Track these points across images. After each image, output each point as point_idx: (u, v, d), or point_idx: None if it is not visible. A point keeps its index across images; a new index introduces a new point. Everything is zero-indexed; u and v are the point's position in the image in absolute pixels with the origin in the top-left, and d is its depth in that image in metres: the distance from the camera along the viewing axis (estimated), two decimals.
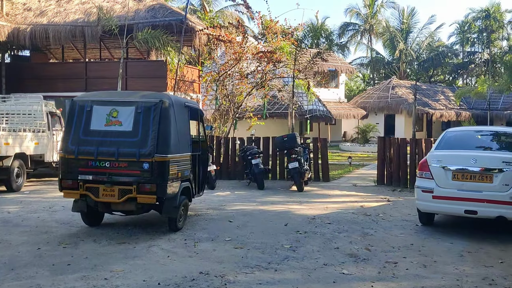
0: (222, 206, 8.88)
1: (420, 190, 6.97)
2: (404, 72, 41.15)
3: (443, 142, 7.36)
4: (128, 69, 14.32)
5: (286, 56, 13.94)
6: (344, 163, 18.56)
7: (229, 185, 12.11)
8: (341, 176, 14.40)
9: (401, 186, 11.74)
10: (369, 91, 35.65)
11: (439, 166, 6.78)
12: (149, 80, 14.03)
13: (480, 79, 24.19)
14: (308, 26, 13.63)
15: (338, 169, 16.36)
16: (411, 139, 12.10)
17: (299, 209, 8.75)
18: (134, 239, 6.30)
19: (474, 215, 6.50)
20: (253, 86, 14.16)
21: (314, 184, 12.18)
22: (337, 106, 30.99)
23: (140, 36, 12.70)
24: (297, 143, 11.02)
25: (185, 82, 15.01)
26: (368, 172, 15.60)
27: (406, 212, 8.55)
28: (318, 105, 22.53)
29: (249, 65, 14.32)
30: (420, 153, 11.60)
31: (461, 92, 26.41)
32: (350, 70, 34.07)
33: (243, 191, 10.98)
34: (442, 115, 31.80)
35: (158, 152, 6.12)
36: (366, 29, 43.61)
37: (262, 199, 9.92)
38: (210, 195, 10.34)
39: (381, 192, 11.02)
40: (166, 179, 6.17)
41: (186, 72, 15.30)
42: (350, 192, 10.97)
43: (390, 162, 12.11)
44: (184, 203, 6.77)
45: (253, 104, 17.18)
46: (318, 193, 10.79)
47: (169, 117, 6.30)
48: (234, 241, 6.24)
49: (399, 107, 31.85)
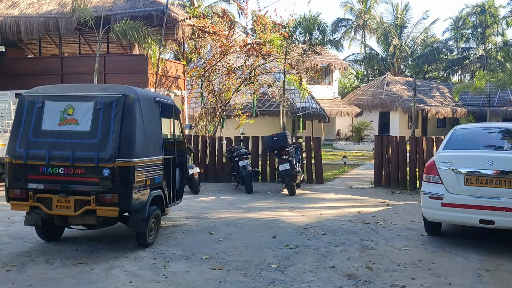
0: (204, 214, 7.94)
1: (427, 197, 6.07)
2: (399, 69, 40.38)
3: (452, 141, 6.46)
4: (107, 64, 13.32)
5: (277, 50, 13.01)
6: (339, 162, 17.69)
7: (216, 188, 11.18)
8: (336, 177, 13.52)
9: (400, 188, 10.88)
10: (363, 88, 34.83)
11: (449, 169, 5.89)
12: (129, 76, 13.05)
13: (479, 74, 23.40)
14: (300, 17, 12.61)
15: (333, 169, 15.50)
16: (410, 137, 11.24)
17: (289, 217, 7.83)
18: (95, 258, 5.35)
19: (490, 225, 5.61)
20: (241, 81, 13.22)
21: (307, 187, 11.29)
22: (331, 104, 30.15)
23: (118, 27, 11.70)
24: (288, 143, 10.11)
25: (168, 78, 14.05)
26: (364, 173, 14.74)
27: (408, 219, 7.67)
28: (311, 102, 21.64)
29: (237, 59, 13.38)
30: (420, 152, 10.75)
31: (459, 87, 25.64)
32: (343, 66, 33.22)
33: (230, 196, 10.06)
34: (438, 111, 31.05)
35: (121, 156, 5.17)
36: (359, 24, 42.83)
37: (250, 204, 8.99)
38: (193, 200, 9.42)
39: (379, 195, 10.14)
40: (131, 188, 5.23)
41: (170, 67, 14.31)
42: (345, 196, 10.07)
43: (388, 162, 11.23)
44: (155, 214, 5.83)
45: (242, 101, 16.25)
46: (311, 197, 9.89)
47: (134, 114, 5.35)
48: (212, 260, 5.31)
49: (394, 104, 31.07)
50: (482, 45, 44.17)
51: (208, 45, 13.70)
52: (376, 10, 42.66)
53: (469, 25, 43.37)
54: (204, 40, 13.86)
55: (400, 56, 39.45)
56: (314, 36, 14.06)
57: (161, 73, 13.50)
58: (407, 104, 30.54)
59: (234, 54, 12.95)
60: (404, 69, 42.63)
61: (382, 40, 40.04)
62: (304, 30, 12.86)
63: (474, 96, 33.76)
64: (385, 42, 39.56)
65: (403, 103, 30.71)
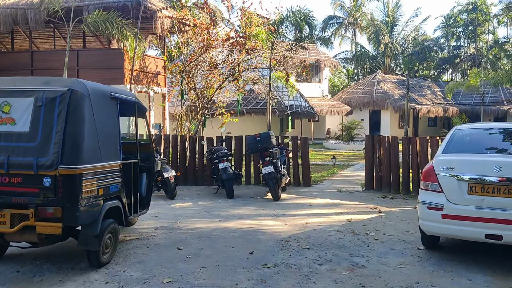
0: (176, 224, 7.13)
1: (425, 207, 5.32)
2: (389, 67, 39.79)
3: (452, 143, 5.71)
4: (81, 59, 12.41)
5: (262, 45, 12.21)
6: (328, 163, 16.95)
7: (194, 192, 10.37)
8: (324, 179, 12.77)
9: (392, 192, 10.16)
10: (354, 86, 34.16)
11: (451, 175, 5.14)
12: (104, 71, 12.17)
13: (473, 72, 22.79)
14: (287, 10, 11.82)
15: (321, 171, 14.76)
16: (403, 138, 10.52)
17: (272, 227, 7.05)
18: (36, 283, 4.52)
19: (498, 240, 4.87)
20: (224, 78, 12.40)
21: (293, 190, 10.52)
22: (321, 102, 29.45)
23: (90, 19, 10.81)
24: (272, 144, 9.33)
25: (147, 74, 13.19)
26: (354, 174, 14.01)
27: (402, 228, 6.93)
28: (300, 100, 20.88)
29: (219, 54, 12.56)
30: (414, 153, 10.03)
31: (452, 85, 25.00)
32: (333, 64, 32.51)
33: (208, 201, 9.25)
34: (429, 110, 30.44)
35: (65, 162, 4.35)
36: (350, 22, 42.12)
37: (229, 211, 8.20)
38: (167, 207, 8.61)
39: (370, 200, 9.41)
40: (77, 200, 4.41)
41: (149, 62, 13.45)
42: (334, 201, 9.31)
43: (379, 164, 10.51)
44: (111, 229, 5.01)
45: (227, 99, 15.45)
46: (297, 203, 9.11)
47: (83, 112, 4.53)
48: (174, 285, 4.51)
49: (385, 103, 30.42)
50: (473, 44, 43.74)
51: (190, 40, 12.85)
52: (367, 8, 42.03)
53: (460, 23, 42.91)
54: (185, 34, 13.02)
55: (391, 54, 38.84)
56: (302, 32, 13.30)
57: (139, 68, 12.64)
58: (398, 103, 29.92)
59: (216, 49, 12.12)
60: (395, 67, 42.06)
61: (373, 38, 39.39)
62: (291, 24, 12.03)
63: (466, 95, 33.26)
64: (376, 40, 38.92)
65: (394, 101, 30.08)
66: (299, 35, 12.05)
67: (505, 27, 43.83)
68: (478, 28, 42.37)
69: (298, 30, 11.96)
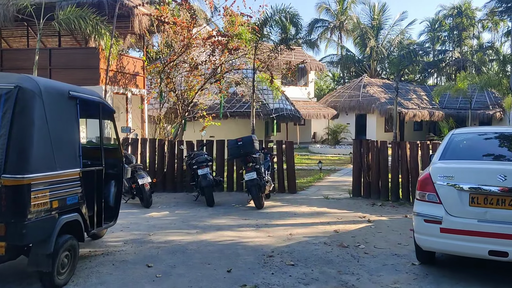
0: (149, 236, 6.52)
1: (421, 220, 4.81)
2: (375, 71, 39.62)
3: (450, 148, 5.23)
4: (53, 59, 11.69)
5: (245, 44, 11.67)
6: (314, 168, 16.47)
7: (173, 200, 9.76)
8: (311, 185, 12.26)
9: (381, 199, 9.69)
10: (340, 90, 33.85)
11: (449, 184, 4.65)
12: (77, 72, 11.49)
13: (460, 75, 22.58)
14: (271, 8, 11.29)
15: (307, 176, 14.25)
16: (393, 142, 10.06)
17: (253, 239, 6.49)
18: None
19: (503, 257, 4.38)
20: (206, 79, 11.82)
21: (278, 197, 9.98)
22: (307, 106, 29.01)
23: (62, 15, 10.13)
24: (254, 148, 8.77)
25: (125, 74, 12.55)
26: (341, 179, 13.54)
27: (394, 240, 6.43)
28: (286, 103, 20.38)
29: (200, 54, 11.98)
30: (404, 158, 9.57)
31: (440, 89, 24.80)
32: (319, 67, 32.14)
33: (186, 210, 8.64)
34: (415, 114, 30.25)
35: (9, 171, 3.74)
36: (336, 26, 41.89)
37: (208, 222, 7.61)
38: (141, 216, 7.99)
39: (358, 208, 8.91)
40: (24, 215, 3.79)
41: (127, 63, 12.80)
42: (321, 209, 8.79)
43: (368, 169, 10.03)
44: (68, 246, 4.40)
45: (209, 101, 14.86)
46: (281, 211, 8.56)
47: (32, 113, 3.92)
48: None
49: (371, 107, 30.14)
50: (459, 48, 43.88)
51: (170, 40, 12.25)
52: (353, 11, 41.86)
53: (446, 27, 43.02)
54: (165, 34, 12.41)
55: (377, 58, 38.68)
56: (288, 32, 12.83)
57: (115, 69, 11.99)
58: (384, 107, 29.68)
59: (198, 48, 11.54)
60: (381, 71, 41.94)
61: (359, 41, 39.19)
62: (276, 24, 11.54)
63: (451, 99, 33.19)
64: (362, 44, 38.72)
65: (380, 105, 29.82)
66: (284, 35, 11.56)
67: (489, 32, 43.96)
68: (463, 33, 42.52)
69: (283, 31, 11.44)
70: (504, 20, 42.13)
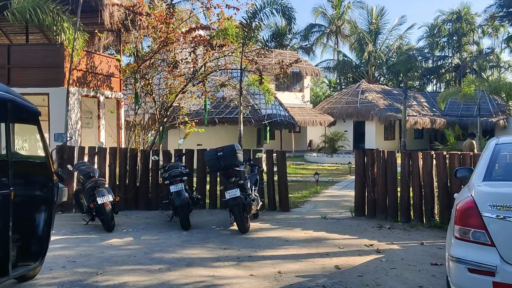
0: (96, 277, 5.02)
1: (463, 269, 3.35)
2: (373, 76, 38.34)
3: (497, 164, 3.78)
4: (13, 56, 10.14)
5: (232, 41, 10.24)
6: (310, 179, 15.03)
7: (143, 220, 8.27)
8: (306, 201, 10.81)
9: (389, 220, 8.25)
10: (337, 96, 32.49)
11: (507, 218, 3.19)
12: (41, 71, 9.97)
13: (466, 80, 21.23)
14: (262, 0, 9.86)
15: (302, 189, 12.82)
16: (402, 152, 8.61)
17: (231, 280, 5.00)
18: None
19: None
20: (187, 80, 10.36)
21: (267, 217, 8.51)
22: (302, 112, 27.61)
23: (16, 4, 8.67)
24: (238, 160, 7.31)
25: (96, 75, 11.08)
26: (340, 194, 12.09)
27: (413, 281, 4.98)
28: (279, 109, 18.95)
29: (182, 51, 10.54)
30: (415, 171, 8.13)
31: (446, 94, 23.43)
32: (315, 72, 30.80)
33: (155, 235, 7.14)
34: (417, 122, 28.89)
35: None
36: (332, 31, 40.69)
37: (177, 253, 6.11)
38: (97, 244, 6.50)
39: (363, 231, 7.44)
40: None
41: (99, 62, 11.32)
42: (318, 233, 7.31)
43: (372, 184, 8.58)
44: None
45: (194, 106, 13.42)
46: (270, 236, 7.08)
47: None
48: None
49: (370, 113, 28.77)
50: (458, 54, 42.71)
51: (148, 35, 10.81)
52: (350, 16, 40.64)
53: (445, 33, 41.86)
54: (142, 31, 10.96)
55: (375, 63, 37.43)
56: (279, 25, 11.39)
57: (85, 68, 10.53)
58: (384, 113, 28.34)
59: (177, 44, 10.09)
60: (379, 77, 40.70)
61: (356, 46, 37.96)
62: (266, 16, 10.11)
63: (453, 106, 31.91)
64: (359, 49, 37.48)
65: (379, 112, 28.46)
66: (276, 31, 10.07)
67: (489, 38, 42.81)
68: (463, 38, 41.38)
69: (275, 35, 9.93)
70: (504, 26, 41.08)
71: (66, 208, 9.00)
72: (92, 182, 7.49)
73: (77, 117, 10.32)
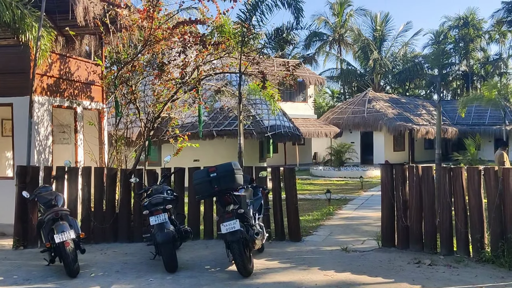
0: None
1: None
2: (379, 85, 36.79)
3: None
4: None
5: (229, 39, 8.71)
6: (320, 196, 13.43)
7: (120, 258, 6.64)
8: (319, 225, 9.18)
9: (426, 251, 6.65)
10: (342, 106, 30.92)
11: None
12: (3, 78, 8.45)
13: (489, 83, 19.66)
14: None
15: (313, 209, 11.22)
16: (441, 167, 6.97)
17: None
18: None
19: None
20: (176, 85, 8.81)
21: (275, 249, 6.90)
22: (306, 123, 26.03)
23: None
24: (236, 182, 5.68)
25: (73, 83, 9.54)
26: (357, 215, 10.46)
27: None
28: (283, 120, 17.37)
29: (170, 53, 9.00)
30: (458, 192, 6.52)
31: (465, 100, 21.78)
32: (320, 81, 29.29)
33: (131, 282, 5.49)
34: (428, 131, 27.24)
35: None
36: (335, 39, 39.30)
37: None
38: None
39: (398, 271, 5.80)
40: None
41: (77, 67, 9.73)
42: (342, 275, 5.66)
43: (404, 207, 6.96)
44: None
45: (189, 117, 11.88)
46: (280, 282, 5.43)
47: None
48: None
49: (378, 123, 27.14)
50: (465, 61, 41.25)
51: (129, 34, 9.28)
52: (352, 23, 39.26)
53: (451, 39, 40.43)
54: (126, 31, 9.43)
55: (381, 71, 35.90)
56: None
57: (58, 75, 9.00)
58: (393, 123, 26.74)
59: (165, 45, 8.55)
60: (385, 86, 39.16)
61: (360, 54, 36.49)
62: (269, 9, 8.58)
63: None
64: (364, 57, 35.99)
65: (388, 121, 26.85)
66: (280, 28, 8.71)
67: (497, 44, 41.29)
68: (470, 45, 39.95)
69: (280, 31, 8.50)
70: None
71: (29, 242, 7.40)
72: (52, 213, 5.89)
73: (47, 131, 8.74)
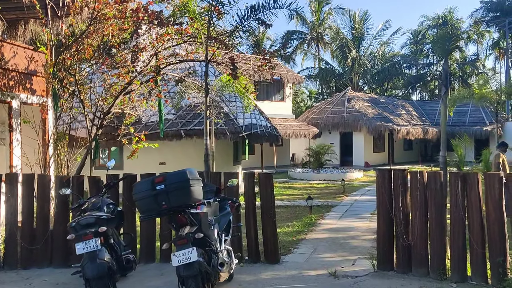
0: None
1: None
2: (357, 85, 35.89)
3: None
4: None
5: (194, 18, 7.28)
6: (300, 203, 12.13)
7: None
8: (301, 240, 7.83)
9: (433, 277, 5.40)
10: (321, 105, 29.80)
11: None
12: None
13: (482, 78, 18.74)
14: None
15: (292, 218, 9.91)
16: (452, 173, 5.69)
17: None
18: None
19: None
20: (131, 76, 7.32)
21: (247, 276, 5.50)
22: (284, 123, 24.75)
23: None
24: (193, 197, 4.23)
25: (7, 72, 7.92)
26: (343, 225, 9.15)
27: None
28: (260, 119, 16.00)
29: (123, 37, 7.49)
30: (473, 203, 5.26)
31: (455, 97, 20.84)
32: (298, 79, 28.05)
33: None
34: (409, 132, 26.35)
35: None
36: (313, 37, 38.24)
37: None
38: None
39: None
40: None
41: (13, 54, 8.10)
42: None
43: (405, 222, 5.66)
44: None
45: (154, 115, 10.38)
46: None
47: None
48: None
49: (358, 123, 26.11)
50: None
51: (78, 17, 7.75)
52: (331, 22, 38.28)
53: (429, 39, 39.94)
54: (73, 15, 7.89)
55: (359, 70, 34.98)
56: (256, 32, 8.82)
57: None
58: (373, 123, 25.73)
59: (115, 25, 7.08)
60: (363, 85, 38.30)
61: (338, 53, 35.50)
62: None
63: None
64: (342, 56, 35.04)
65: (368, 121, 25.83)
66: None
67: (474, 45, 41.10)
68: None
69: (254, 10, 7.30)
70: (490, 32, 39.52)
71: None
72: None
73: None
